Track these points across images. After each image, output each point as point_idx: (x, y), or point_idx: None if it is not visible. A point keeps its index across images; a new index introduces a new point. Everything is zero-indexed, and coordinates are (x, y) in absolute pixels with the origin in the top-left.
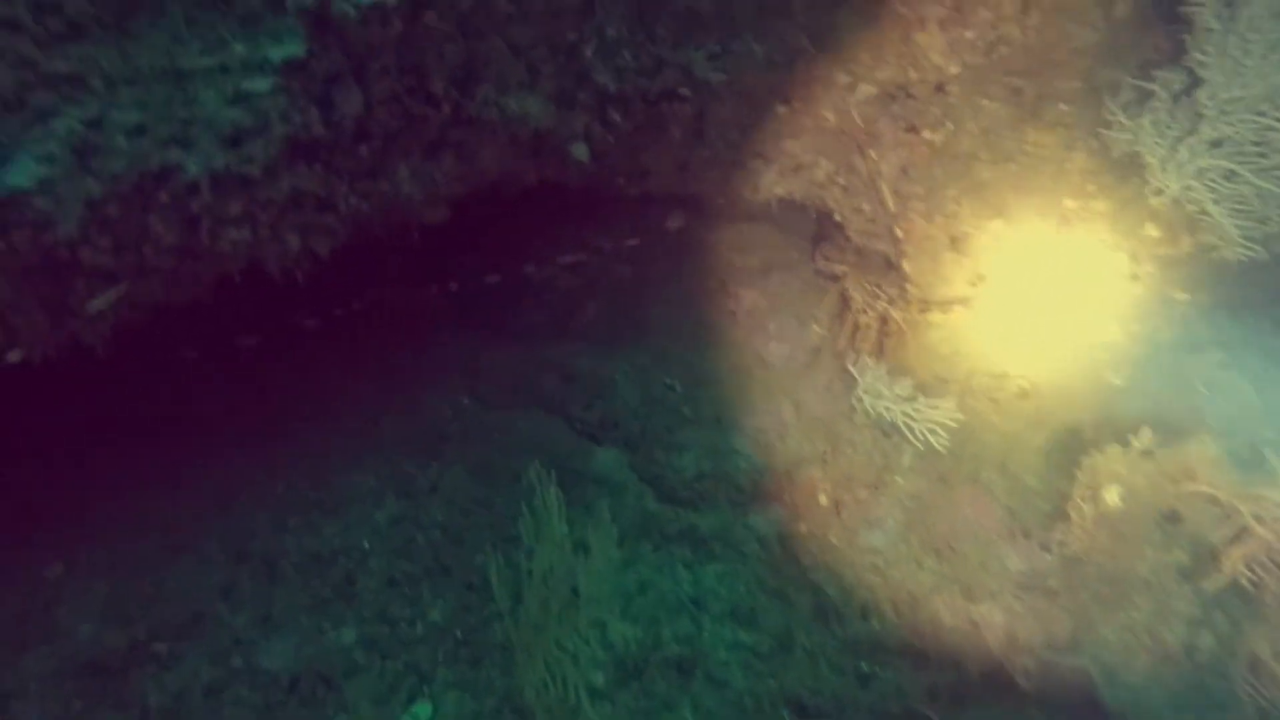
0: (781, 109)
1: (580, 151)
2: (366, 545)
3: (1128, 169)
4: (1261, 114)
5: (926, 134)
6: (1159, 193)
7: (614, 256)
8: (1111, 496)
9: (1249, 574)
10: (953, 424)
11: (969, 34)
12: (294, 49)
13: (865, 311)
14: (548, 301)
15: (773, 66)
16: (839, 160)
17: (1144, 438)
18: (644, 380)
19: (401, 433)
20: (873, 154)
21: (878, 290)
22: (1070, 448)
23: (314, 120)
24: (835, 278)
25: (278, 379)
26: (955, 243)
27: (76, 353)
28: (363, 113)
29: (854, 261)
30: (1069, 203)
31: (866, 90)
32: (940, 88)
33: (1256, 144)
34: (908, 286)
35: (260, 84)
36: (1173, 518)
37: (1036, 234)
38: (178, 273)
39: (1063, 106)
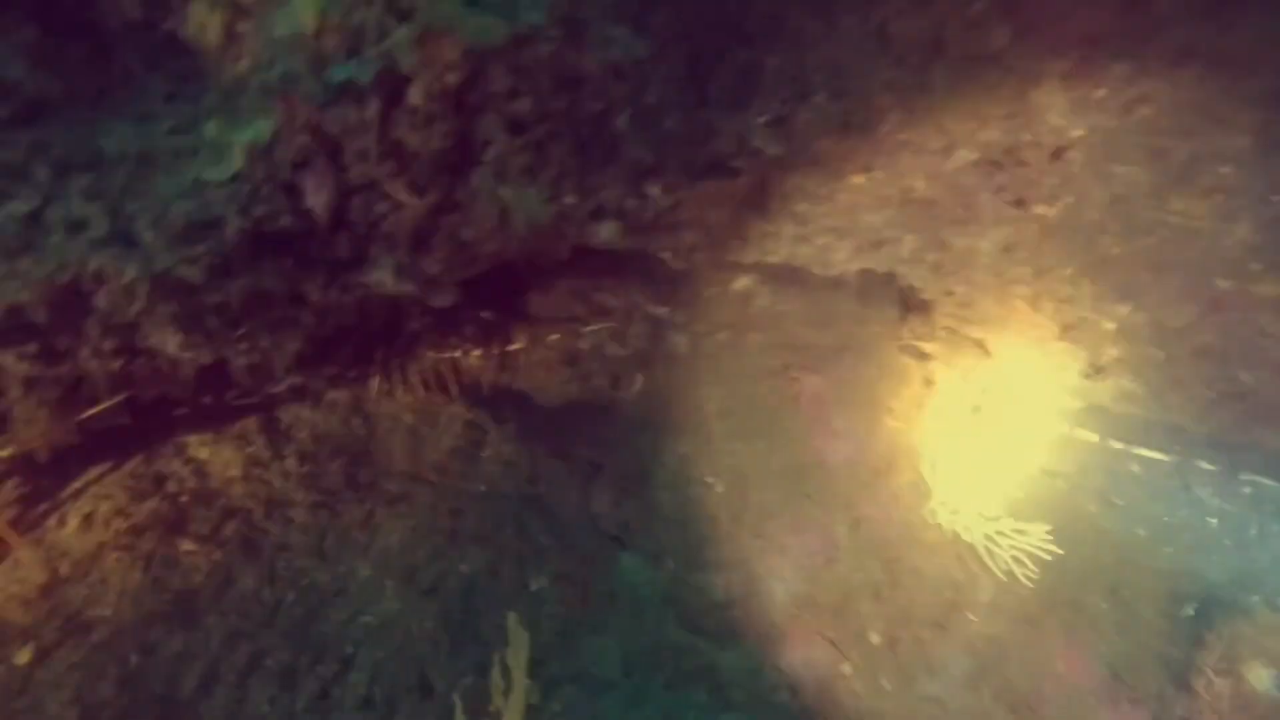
0: (859, 179)
1: (608, 232)
2: (350, 651)
3: None
4: None
5: (1039, 208)
6: None
7: (667, 323)
8: (1259, 678)
9: None
10: (1047, 556)
11: (1099, 92)
12: (257, 132)
13: (951, 402)
14: (590, 371)
15: (850, 129)
16: (928, 235)
17: None
18: (684, 474)
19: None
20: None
21: (969, 378)
22: (1203, 603)
23: (279, 210)
24: (921, 357)
25: None
26: (1068, 331)
27: None
28: (335, 200)
29: (945, 341)
30: (1222, 284)
31: (965, 156)
32: (1058, 154)
33: None
34: (1006, 380)
35: (219, 171)
36: None
37: (1173, 321)
38: (122, 378)
39: (1223, 169)
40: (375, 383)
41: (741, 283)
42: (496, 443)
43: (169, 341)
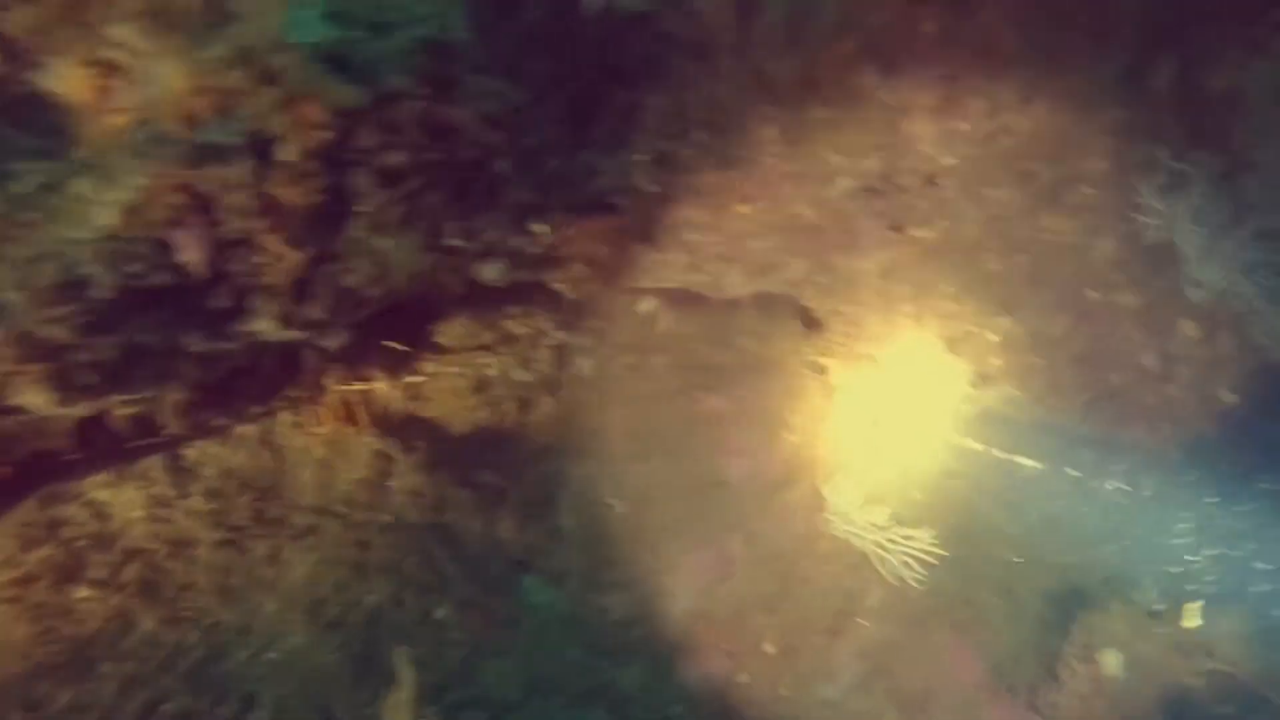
0: (744, 208)
1: (493, 271)
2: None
3: (1162, 259)
4: None
5: (917, 231)
6: (1198, 286)
7: (573, 348)
8: (1111, 663)
9: None
10: (933, 559)
11: (964, 125)
12: (128, 190)
13: (849, 415)
14: (497, 398)
15: (731, 163)
16: (814, 259)
17: (1151, 596)
18: (587, 497)
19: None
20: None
21: (864, 393)
22: (1066, 598)
23: (153, 266)
24: (819, 374)
25: None
26: (954, 345)
27: None
28: (210, 255)
29: (840, 358)
30: (1092, 295)
31: (845, 184)
32: (932, 180)
33: None
34: (898, 392)
35: (89, 230)
36: (1184, 698)
37: (1050, 331)
38: None
39: (1086, 190)
40: (283, 416)
41: (645, 306)
42: (404, 472)
43: (39, 400)
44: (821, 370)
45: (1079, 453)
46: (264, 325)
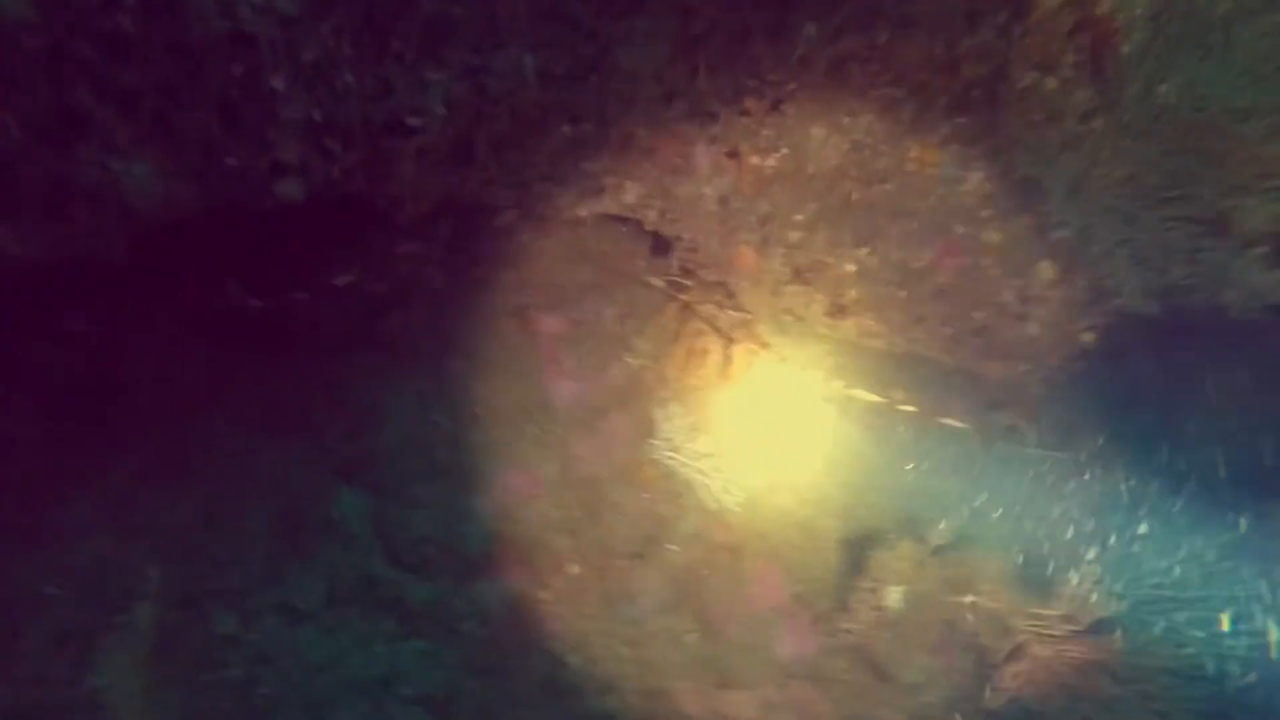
0: (567, 128)
1: (289, 188)
2: (53, 591)
3: (1031, 195)
4: (1168, 155)
5: (754, 159)
6: (1061, 226)
7: (428, 259)
8: (893, 597)
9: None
10: (750, 486)
11: (800, 51)
12: None
13: (694, 342)
14: (350, 308)
15: (552, 81)
16: (650, 183)
17: (936, 537)
18: (419, 412)
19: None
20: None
21: (720, 314)
22: (869, 534)
23: None
24: (666, 298)
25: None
26: (801, 274)
27: None
28: None
29: (686, 283)
30: (959, 229)
31: (680, 106)
32: (775, 106)
33: (1162, 188)
34: (748, 319)
35: None
36: (952, 627)
37: (908, 265)
38: None
39: (959, 119)
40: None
41: (505, 219)
42: (239, 377)
43: None
44: (670, 294)
45: (923, 389)
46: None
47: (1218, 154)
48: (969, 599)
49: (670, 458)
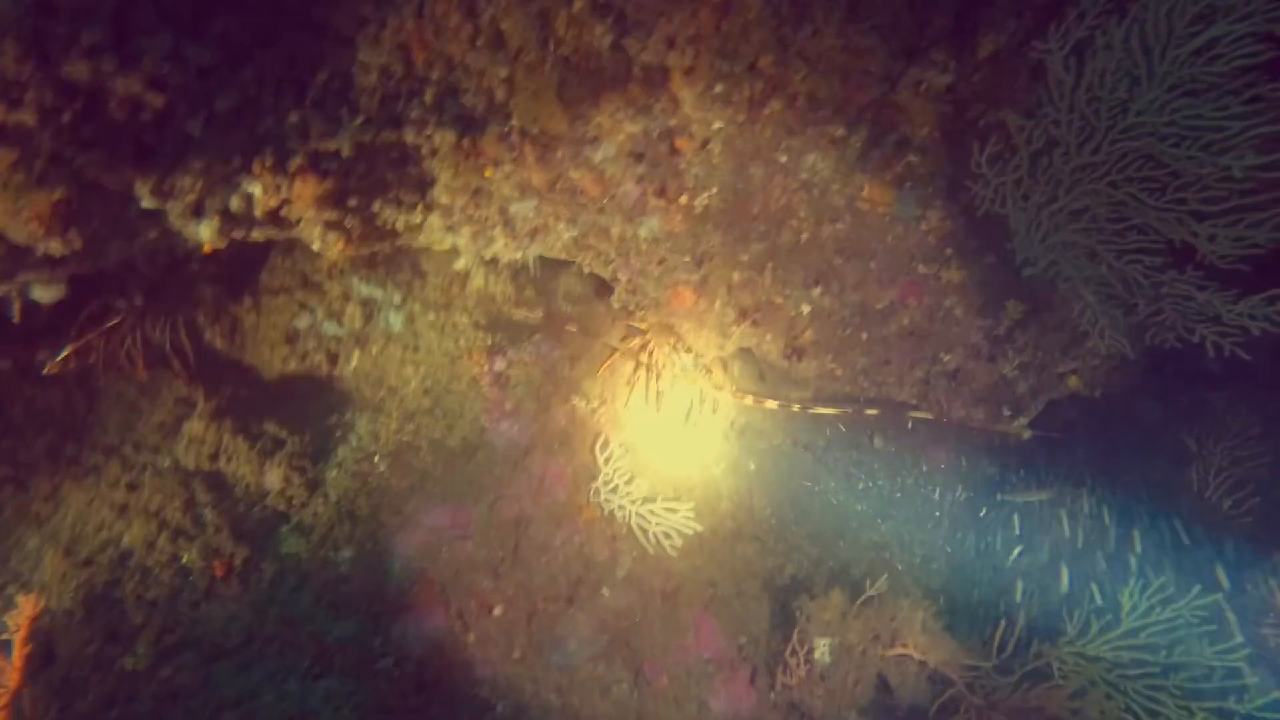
0: (489, 172)
1: (206, 230)
2: None
3: (995, 233)
4: (1115, 186)
5: (683, 199)
6: (1027, 265)
7: (383, 303)
8: (822, 651)
9: None
10: (690, 532)
11: (719, 88)
12: None
13: (641, 384)
14: (307, 349)
15: (471, 125)
16: (584, 224)
17: (874, 585)
18: (359, 452)
19: None
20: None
21: (659, 361)
22: (803, 584)
23: None
24: (614, 341)
25: None
26: (746, 315)
27: None
28: None
29: (632, 325)
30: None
31: (607, 150)
32: (704, 146)
33: (1114, 221)
34: (699, 360)
35: None
36: (884, 680)
37: (864, 307)
38: None
39: (912, 158)
40: (100, 357)
41: (460, 264)
42: (196, 418)
43: None
44: (615, 338)
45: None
46: None
47: (1159, 181)
48: (899, 650)
49: (609, 501)
